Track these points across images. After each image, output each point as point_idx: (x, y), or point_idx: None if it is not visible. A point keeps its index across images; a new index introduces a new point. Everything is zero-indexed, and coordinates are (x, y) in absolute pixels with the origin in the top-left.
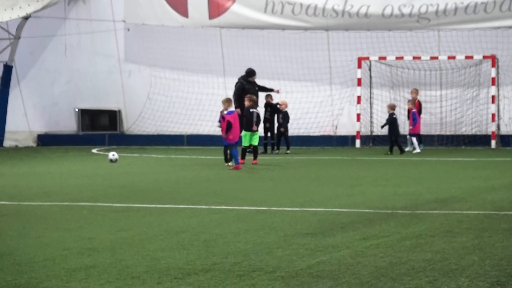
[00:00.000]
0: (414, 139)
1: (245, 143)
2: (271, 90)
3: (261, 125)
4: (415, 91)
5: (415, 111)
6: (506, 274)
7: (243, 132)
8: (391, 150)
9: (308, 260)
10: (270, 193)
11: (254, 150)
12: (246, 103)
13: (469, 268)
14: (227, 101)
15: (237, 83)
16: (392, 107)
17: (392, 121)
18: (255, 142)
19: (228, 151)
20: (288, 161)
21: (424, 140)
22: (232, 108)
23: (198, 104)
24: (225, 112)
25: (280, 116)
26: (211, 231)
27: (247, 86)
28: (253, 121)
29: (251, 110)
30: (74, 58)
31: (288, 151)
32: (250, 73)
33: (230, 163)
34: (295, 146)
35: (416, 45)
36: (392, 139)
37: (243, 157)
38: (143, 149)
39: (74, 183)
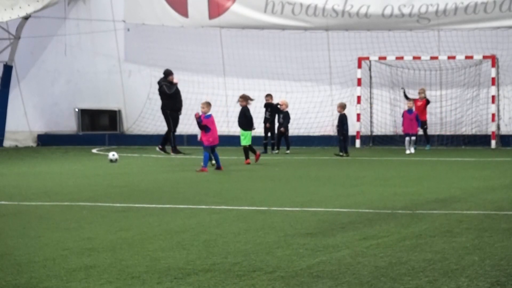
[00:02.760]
0: (413, 138)
1: (247, 142)
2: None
3: (261, 125)
4: (423, 90)
5: (416, 112)
6: (506, 274)
7: (243, 132)
8: (341, 150)
9: (308, 260)
10: (270, 193)
11: (251, 149)
12: (243, 103)
13: (469, 268)
14: (207, 105)
15: (160, 86)
16: (343, 107)
17: (342, 121)
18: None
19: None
20: (288, 161)
21: (424, 140)
22: (210, 111)
23: (198, 104)
24: (204, 115)
25: (281, 116)
26: (211, 231)
27: (170, 86)
28: (253, 121)
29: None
30: (74, 58)
31: (288, 151)
32: (167, 73)
33: (213, 162)
34: (295, 146)
35: (416, 45)
36: (340, 139)
37: (247, 157)
38: (143, 149)
39: (74, 183)
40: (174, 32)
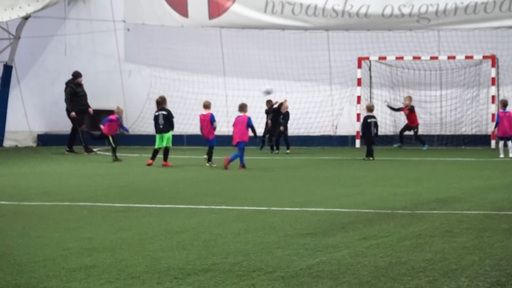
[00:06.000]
0: (509, 143)
1: (158, 145)
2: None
3: (262, 126)
4: (409, 99)
5: (500, 112)
6: (506, 274)
7: (166, 135)
8: (371, 154)
9: (308, 260)
10: (270, 193)
11: (166, 151)
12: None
13: (469, 268)
14: (243, 107)
15: (66, 87)
16: (370, 109)
17: (366, 124)
18: (169, 143)
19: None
20: (288, 161)
21: (424, 140)
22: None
23: (198, 104)
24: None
25: (281, 116)
26: (211, 231)
27: (77, 89)
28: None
29: (157, 113)
30: (74, 58)
31: (288, 151)
32: (76, 75)
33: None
34: (295, 146)
35: (416, 45)
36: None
37: (153, 157)
38: (143, 149)
39: (74, 183)
40: (174, 32)
